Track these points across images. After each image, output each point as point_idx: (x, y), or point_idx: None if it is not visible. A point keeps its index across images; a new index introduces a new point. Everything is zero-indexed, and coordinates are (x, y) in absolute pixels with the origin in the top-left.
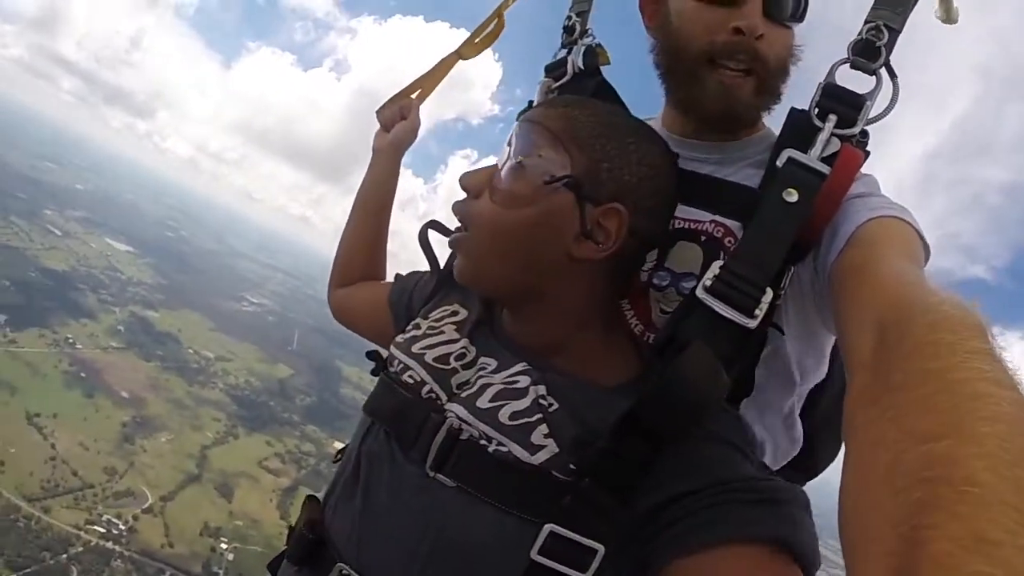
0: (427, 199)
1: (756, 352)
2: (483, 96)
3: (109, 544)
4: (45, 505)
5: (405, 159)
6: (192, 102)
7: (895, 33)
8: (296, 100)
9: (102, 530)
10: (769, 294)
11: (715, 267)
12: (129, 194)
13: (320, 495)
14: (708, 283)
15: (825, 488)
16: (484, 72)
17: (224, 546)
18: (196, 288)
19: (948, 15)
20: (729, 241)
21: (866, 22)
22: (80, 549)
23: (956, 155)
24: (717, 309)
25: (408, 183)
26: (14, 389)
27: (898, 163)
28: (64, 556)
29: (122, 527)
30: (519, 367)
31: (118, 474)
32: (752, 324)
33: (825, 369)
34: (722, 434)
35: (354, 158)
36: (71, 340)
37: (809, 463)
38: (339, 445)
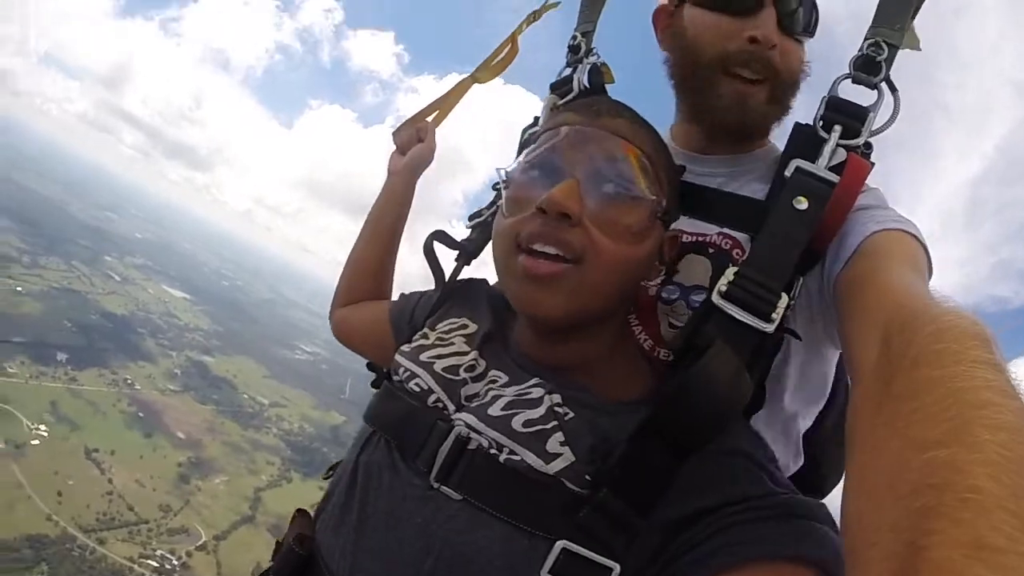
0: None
1: (771, 359)
2: None
3: None
4: (100, 537)
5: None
6: (252, 157)
7: (894, 49)
8: (356, 156)
9: (155, 564)
10: (784, 299)
11: (729, 273)
12: (186, 243)
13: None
14: (723, 289)
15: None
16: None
17: None
18: (250, 335)
19: (910, 43)
20: (737, 253)
21: (866, 38)
22: None
23: (1004, 178)
24: (734, 314)
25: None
26: (75, 425)
27: (943, 190)
28: None
29: (175, 562)
30: (532, 381)
31: (173, 511)
32: (770, 328)
33: (830, 385)
34: (742, 448)
35: (410, 212)
36: (130, 381)
37: (816, 482)
38: None
